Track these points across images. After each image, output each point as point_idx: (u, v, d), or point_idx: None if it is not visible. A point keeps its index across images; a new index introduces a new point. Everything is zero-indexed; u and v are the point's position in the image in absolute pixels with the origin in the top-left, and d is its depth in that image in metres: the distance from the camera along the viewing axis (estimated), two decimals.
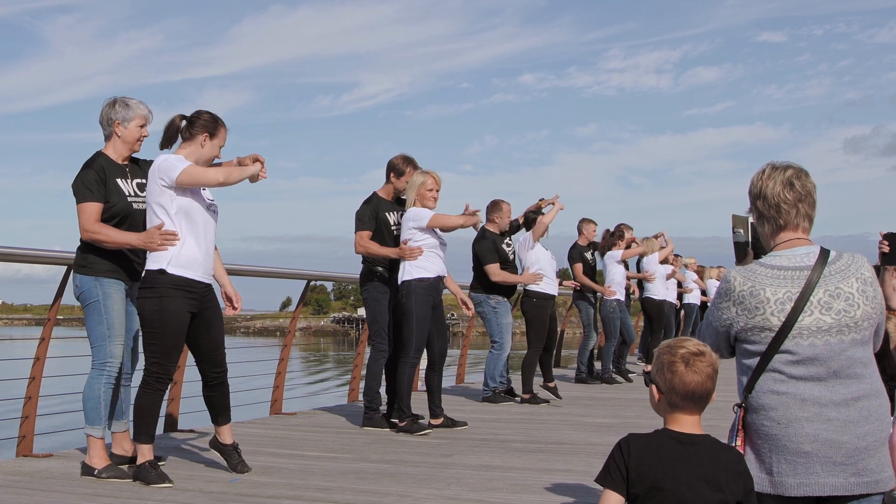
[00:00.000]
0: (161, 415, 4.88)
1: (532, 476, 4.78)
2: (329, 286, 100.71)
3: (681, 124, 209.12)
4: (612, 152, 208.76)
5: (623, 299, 10.70)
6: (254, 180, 4.75)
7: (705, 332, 2.70)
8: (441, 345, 6.71)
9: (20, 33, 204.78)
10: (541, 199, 8.73)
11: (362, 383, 6.74)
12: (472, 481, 4.64)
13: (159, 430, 5.78)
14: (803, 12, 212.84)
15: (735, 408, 2.57)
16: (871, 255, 3.16)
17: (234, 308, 5.03)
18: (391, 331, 6.69)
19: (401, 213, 6.71)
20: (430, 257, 6.51)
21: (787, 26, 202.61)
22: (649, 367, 2.45)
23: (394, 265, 6.73)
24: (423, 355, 6.73)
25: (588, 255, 10.22)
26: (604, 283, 10.53)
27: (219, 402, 4.87)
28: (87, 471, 4.71)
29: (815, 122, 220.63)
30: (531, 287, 8.51)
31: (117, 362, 4.79)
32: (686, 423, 2.33)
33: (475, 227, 6.92)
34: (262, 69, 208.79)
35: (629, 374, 10.94)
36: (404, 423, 6.43)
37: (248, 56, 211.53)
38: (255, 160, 4.81)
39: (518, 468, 5.04)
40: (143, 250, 4.72)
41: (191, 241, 4.62)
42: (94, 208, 4.75)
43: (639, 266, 11.81)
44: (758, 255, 2.73)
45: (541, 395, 8.62)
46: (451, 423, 6.67)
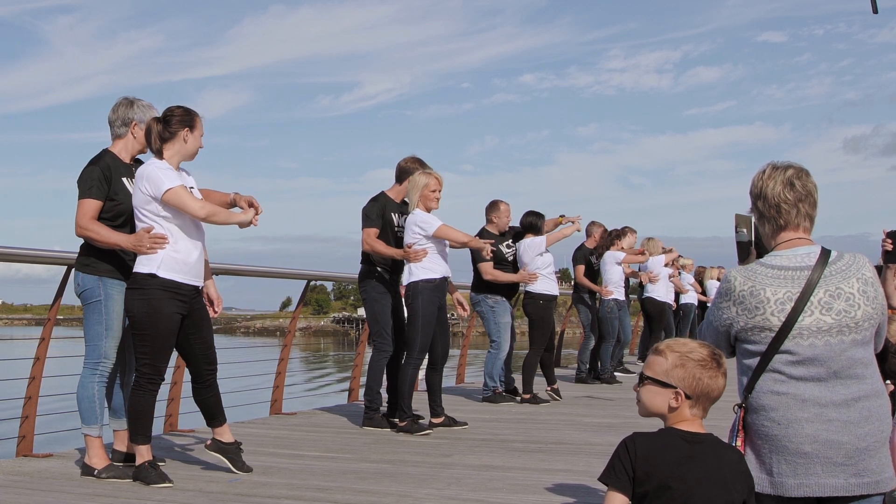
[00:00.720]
0: (160, 415, 4.88)
1: (532, 476, 4.78)
2: (329, 286, 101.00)
3: (681, 124, 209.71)
4: (612, 152, 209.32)
5: (622, 299, 10.70)
6: (243, 227, 4.74)
7: (706, 331, 2.70)
8: (444, 345, 6.71)
9: (21, 33, 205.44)
10: (561, 216, 9.02)
11: (363, 382, 6.73)
12: (473, 481, 4.64)
13: (158, 430, 5.78)
14: (804, 12, 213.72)
15: (735, 408, 2.57)
16: (871, 254, 3.16)
17: (215, 311, 5.07)
18: (393, 331, 6.70)
19: (404, 215, 6.71)
20: (435, 258, 6.51)
21: (788, 26, 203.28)
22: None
23: (395, 266, 6.73)
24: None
25: (593, 259, 10.32)
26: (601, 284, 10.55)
27: (213, 402, 4.86)
28: (87, 471, 4.70)
29: (816, 121, 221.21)
30: (536, 288, 8.50)
31: (110, 363, 4.79)
32: (696, 424, 2.34)
33: (483, 252, 6.82)
34: (262, 69, 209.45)
35: (616, 375, 10.89)
36: (405, 423, 6.43)
37: (249, 56, 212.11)
38: (250, 205, 4.78)
39: (518, 468, 5.04)
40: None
41: (181, 245, 4.62)
42: (92, 205, 4.73)
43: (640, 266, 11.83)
44: (760, 255, 2.72)
45: (541, 395, 8.59)
46: (451, 422, 6.67)
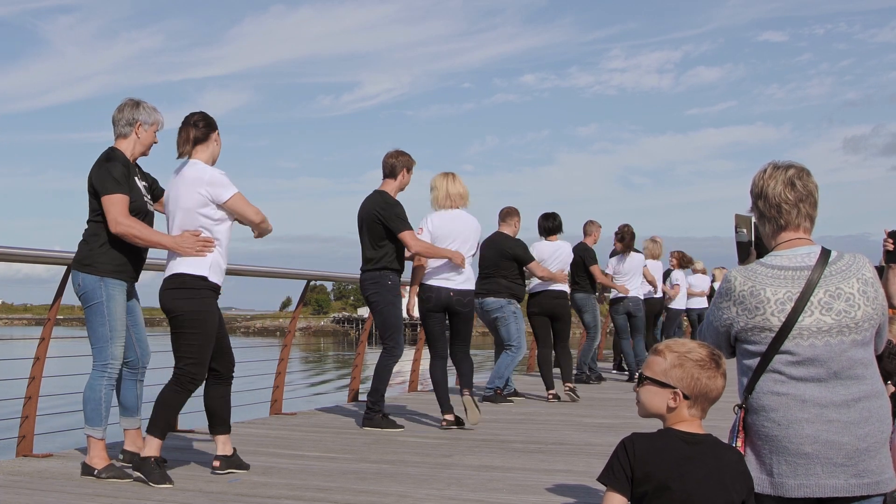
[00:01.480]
0: None
1: (532, 476, 4.78)
2: (329, 286, 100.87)
3: (682, 124, 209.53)
4: (612, 152, 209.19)
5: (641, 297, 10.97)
6: (260, 235, 4.98)
7: (706, 332, 2.69)
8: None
9: (21, 33, 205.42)
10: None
11: (372, 382, 6.72)
12: (473, 482, 4.64)
13: None
14: (804, 12, 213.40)
15: (735, 408, 2.57)
16: (872, 254, 3.16)
17: None
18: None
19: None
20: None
21: (789, 26, 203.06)
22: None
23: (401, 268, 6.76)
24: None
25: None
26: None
27: (224, 403, 4.92)
28: (86, 471, 4.70)
29: (816, 122, 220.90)
30: (558, 286, 8.97)
31: (118, 364, 4.82)
32: (694, 424, 2.33)
33: (457, 261, 6.84)
34: (262, 69, 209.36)
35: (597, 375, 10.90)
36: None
37: (249, 56, 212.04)
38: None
39: (518, 469, 5.04)
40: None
41: (222, 250, 4.79)
42: (125, 201, 4.75)
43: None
44: (760, 255, 2.72)
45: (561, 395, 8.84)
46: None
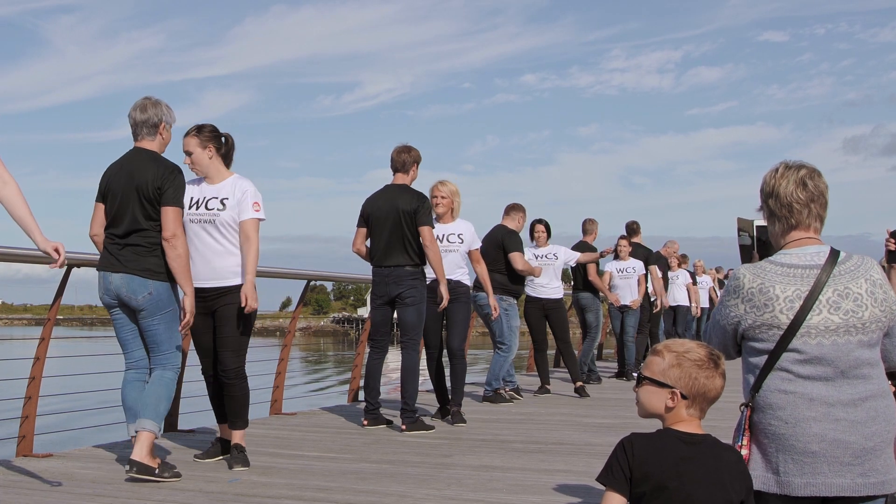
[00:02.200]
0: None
1: (532, 476, 4.79)
2: (329, 286, 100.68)
3: (682, 124, 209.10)
4: (613, 152, 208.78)
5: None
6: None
7: (712, 330, 2.68)
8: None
9: (22, 33, 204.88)
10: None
11: (375, 382, 6.72)
12: (473, 482, 4.65)
13: None
14: (805, 12, 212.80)
15: (742, 407, 2.56)
16: (872, 254, 3.15)
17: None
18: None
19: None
20: None
21: (790, 26, 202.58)
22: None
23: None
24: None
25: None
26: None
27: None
28: (145, 470, 4.51)
29: (817, 122, 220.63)
30: (553, 294, 9.26)
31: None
32: (693, 424, 2.33)
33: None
34: (263, 69, 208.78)
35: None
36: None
37: (250, 56, 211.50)
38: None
39: (518, 468, 5.04)
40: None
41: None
42: (181, 215, 4.75)
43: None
44: (763, 258, 2.71)
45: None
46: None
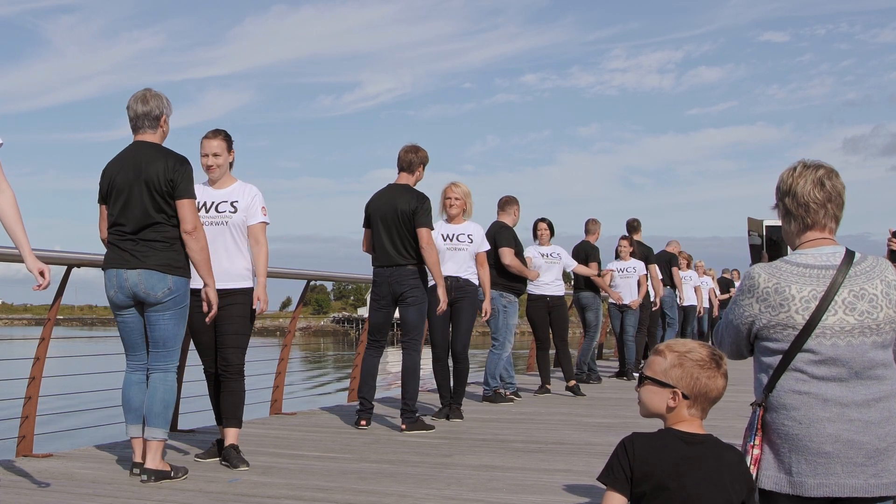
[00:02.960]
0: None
1: (532, 476, 4.79)
2: (329, 286, 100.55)
3: (682, 124, 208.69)
4: (613, 152, 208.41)
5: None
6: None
7: (724, 331, 2.68)
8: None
9: (22, 33, 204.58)
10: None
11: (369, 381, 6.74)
12: (472, 481, 4.65)
13: None
14: (806, 12, 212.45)
15: (755, 407, 2.55)
16: (871, 254, 3.15)
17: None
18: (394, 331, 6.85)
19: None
20: None
21: (790, 26, 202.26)
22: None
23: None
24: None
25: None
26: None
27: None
28: (162, 476, 4.52)
29: (817, 122, 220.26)
30: (556, 291, 9.23)
31: None
32: (695, 424, 2.33)
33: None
34: (264, 69, 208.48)
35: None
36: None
37: (250, 56, 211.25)
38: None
39: (518, 468, 5.04)
40: None
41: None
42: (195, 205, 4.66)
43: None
44: (773, 258, 2.71)
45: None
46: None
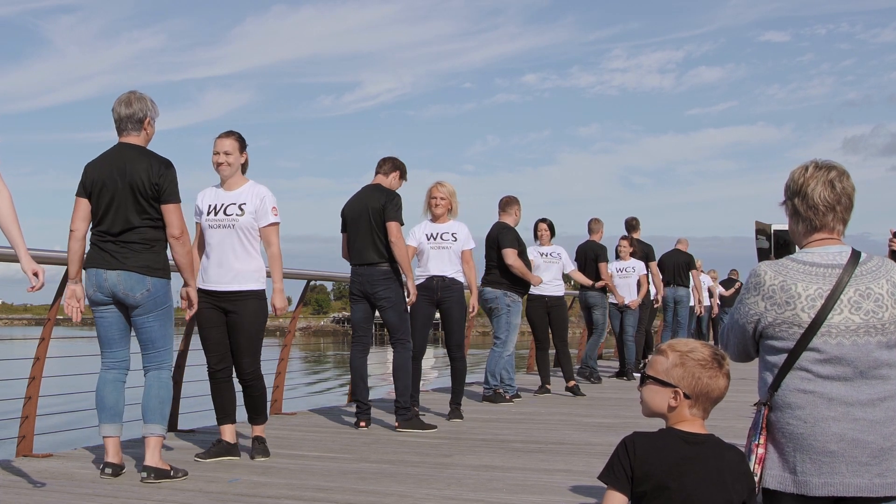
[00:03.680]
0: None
1: (532, 476, 4.78)
2: (329, 286, 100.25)
3: (683, 124, 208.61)
4: (613, 152, 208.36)
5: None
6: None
7: (729, 332, 2.67)
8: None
9: (23, 33, 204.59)
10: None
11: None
12: (472, 481, 4.64)
13: None
14: (807, 12, 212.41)
15: (760, 406, 2.55)
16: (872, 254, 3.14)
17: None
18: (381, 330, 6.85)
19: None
20: None
21: (791, 26, 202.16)
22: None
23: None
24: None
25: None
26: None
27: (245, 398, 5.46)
28: (162, 474, 4.51)
29: (817, 122, 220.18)
30: (555, 291, 9.21)
31: None
32: (696, 424, 2.33)
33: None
34: (264, 69, 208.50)
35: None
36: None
37: (251, 56, 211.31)
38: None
39: (518, 468, 5.04)
40: None
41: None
42: (181, 209, 4.61)
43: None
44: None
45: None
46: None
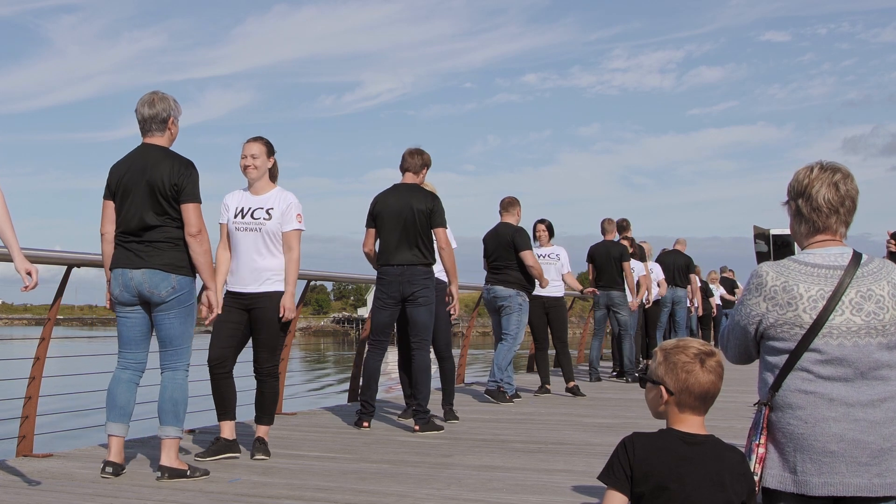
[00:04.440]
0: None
1: (532, 476, 4.78)
2: (329, 286, 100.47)
3: (683, 124, 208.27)
4: (614, 152, 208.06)
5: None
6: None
7: (730, 333, 2.68)
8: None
9: (23, 33, 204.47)
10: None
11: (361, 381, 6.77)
12: (473, 481, 4.64)
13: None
14: (807, 12, 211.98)
15: (760, 406, 2.55)
16: (873, 254, 3.15)
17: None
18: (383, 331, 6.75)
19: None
20: None
21: (791, 26, 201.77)
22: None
23: None
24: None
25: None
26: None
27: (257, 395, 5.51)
28: (178, 474, 4.52)
29: (818, 121, 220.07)
30: (555, 292, 9.23)
31: None
32: (692, 424, 2.33)
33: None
34: (265, 69, 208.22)
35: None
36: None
37: (252, 56, 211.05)
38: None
39: (518, 468, 5.04)
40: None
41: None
42: (200, 209, 4.56)
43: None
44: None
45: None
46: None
